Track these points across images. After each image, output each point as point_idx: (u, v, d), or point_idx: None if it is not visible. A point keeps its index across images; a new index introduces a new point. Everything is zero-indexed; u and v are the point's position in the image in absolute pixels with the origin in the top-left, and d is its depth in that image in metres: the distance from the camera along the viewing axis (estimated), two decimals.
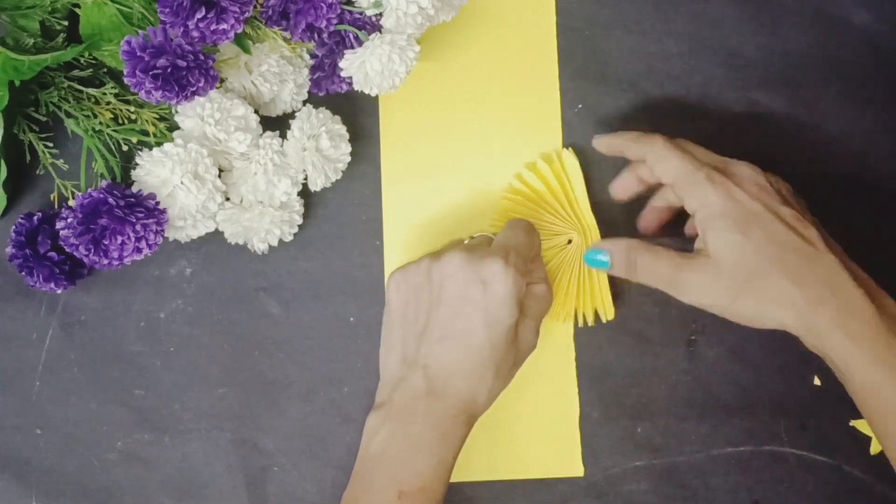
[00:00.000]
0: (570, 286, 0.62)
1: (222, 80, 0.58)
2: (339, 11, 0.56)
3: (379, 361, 0.58)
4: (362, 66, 0.56)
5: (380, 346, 0.58)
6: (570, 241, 0.62)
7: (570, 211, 0.62)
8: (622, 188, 0.61)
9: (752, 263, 0.53)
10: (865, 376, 0.51)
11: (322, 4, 0.55)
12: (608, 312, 0.62)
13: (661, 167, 0.56)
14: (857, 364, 0.51)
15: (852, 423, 0.62)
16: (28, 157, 0.60)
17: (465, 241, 0.61)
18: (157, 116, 0.58)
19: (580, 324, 0.62)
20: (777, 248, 0.53)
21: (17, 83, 0.56)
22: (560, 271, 0.62)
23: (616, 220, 0.63)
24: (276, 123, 0.60)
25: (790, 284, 0.52)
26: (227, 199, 0.59)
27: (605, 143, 0.60)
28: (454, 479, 0.55)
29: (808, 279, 0.52)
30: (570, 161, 0.62)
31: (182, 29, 0.51)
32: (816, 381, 0.63)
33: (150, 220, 0.54)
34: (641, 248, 0.56)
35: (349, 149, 0.60)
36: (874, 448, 0.62)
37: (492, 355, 0.54)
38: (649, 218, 0.62)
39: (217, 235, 0.60)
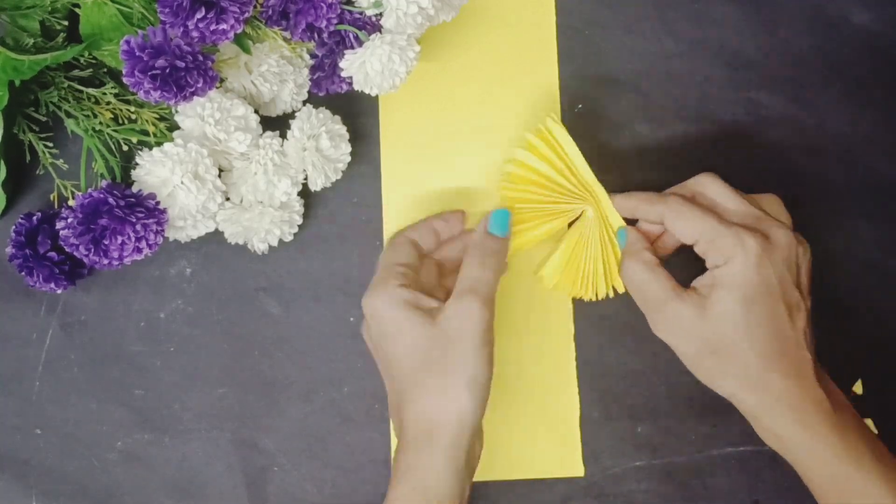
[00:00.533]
0: (595, 260, 0.60)
1: (222, 80, 0.58)
2: (339, 11, 0.56)
3: None
4: (362, 66, 0.56)
5: None
6: (581, 214, 0.61)
7: (577, 182, 0.60)
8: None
9: (738, 338, 0.53)
10: (827, 470, 0.52)
11: (322, 4, 0.55)
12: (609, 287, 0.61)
13: (681, 225, 0.55)
14: (819, 459, 0.52)
15: None
16: (28, 157, 0.60)
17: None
18: (157, 116, 0.58)
19: (610, 294, 0.60)
20: (766, 332, 0.53)
21: (17, 83, 0.56)
22: (582, 245, 0.60)
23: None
24: (276, 123, 0.60)
25: (761, 371, 0.53)
26: (227, 199, 0.59)
27: (620, 206, 0.59)
28: None
29: (779, 371, 0.53)
30: (559, 131, 0.60)
31: (182, 29, 0.51)
32: None
33: (150, 220, 0.54)
34: (640, 264, 0.56)
35: (349, 149, 0.60)
36: None
37: (399, 367, 0.54)
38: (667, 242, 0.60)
39: (217, 235, 0.60)
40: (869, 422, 0.62)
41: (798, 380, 0.53)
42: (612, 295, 0.60)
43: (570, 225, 0.61)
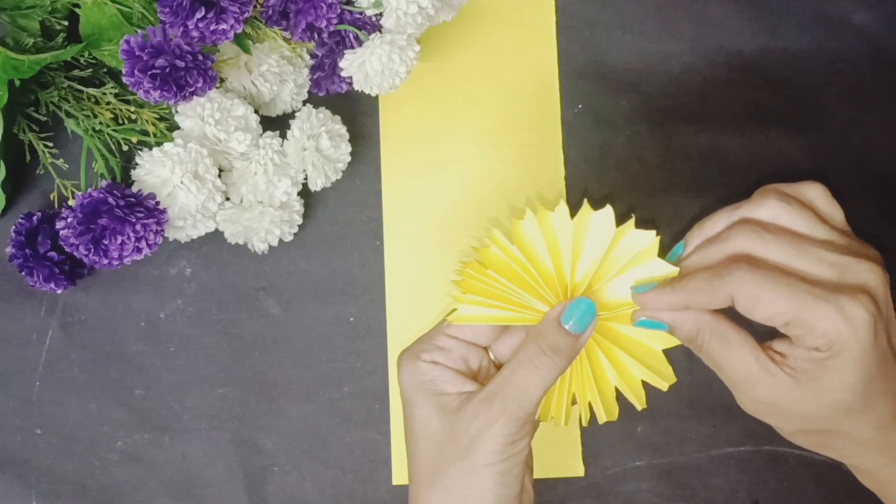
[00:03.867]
0: (563, 383, 0.50)
1: (222, 80, 0.58)
2: (339, 11, 0.56)
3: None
4: (362, 66, 0.56)
5: None
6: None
7: (557, 281, 0.49)
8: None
9: (852, 417, 0.43)
10: None
11: (322, 4, 0.55)
12: (608, 412, 0.51)
13: (766, 308, 0.42)
14: None
15: None
16: (28, 157, 0.60)
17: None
18: (157, 116, 0.58)
19: (583, 423, 0.52)
20: (884, 401, 0.43)
21: (17, 82, 0.56)
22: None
23: None
24: (276, 123, 0.60)
25: (879, 437, 0.44)
26: (227, 199, 0.59)
27: (658, 304, 0.46)
28: None
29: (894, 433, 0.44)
30: (562, 216, 0.49)
31: (181, 29, 0.51)
32: None
33: (150, 220, 0.54)
34: (710, 332, 0.45)
35: (349, 149, 0.60)
36: None
37: (411, 457, 0.48)
38: None
39: (217, 235, 0.60)
40: None
41: None
42: (584, 424, 0.52)
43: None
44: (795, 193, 0.46)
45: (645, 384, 0.51)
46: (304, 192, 0.61)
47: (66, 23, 0.59)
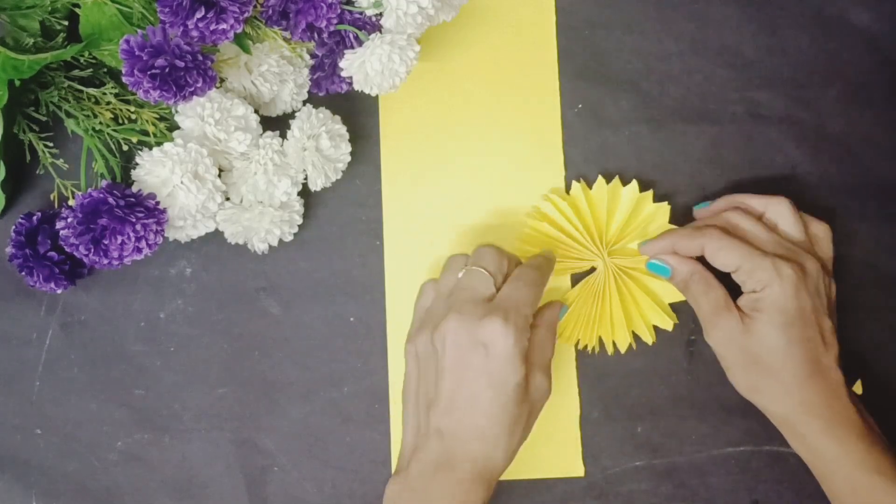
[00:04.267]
0: (593, 314, 0.62)
1: (222, 80, 0.58)
2: (339, 11, 0.56)
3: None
4: (362, 66, 0.56)
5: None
6: (593, 269, 0.63)
7: (596, 238, 0.62)
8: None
9: (776, 356, 0.56)
10: (852, 479, 0.55)
11: (322, 4, 0.55)
12: (626, 340, 0.63)
13: (724, 256, 0.57)
14: (843, 466, 0.55)
15: None
16: (28, 157, 0.60)
17: (464, 265, 0.59)
18: (157, 116, 0.58)
19: (609, 351, 0.63)
20: (801, 353, 0.56)
21: (17, 82, 0.56)
22: (583, 298, 0.62)
23: None
24: (276, 123, 0.60)
25: (796, 387, 0.56)
26: (227, 199, 0.59)
27: (654, 249, 0.61)
28: None
29: (812, 388, 0.56)
30: (599, 189, 0.63)
31: (181, 29, 0.51)
32: None
33: (150, 220, 0.54)
34: (699, 276, 0.59)
35: (349, 149, 0.60)
36: None
37: (502, 418, 0.54)
38: None
39: (217, 235, 0.60)
40: None
41: (830, 397, 0.56)
42: (610, 352, 0.63)
43: (575, 282, 0.63)
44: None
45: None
46: (304, 192, 0.61)
47: (66, 23, 0.59)
